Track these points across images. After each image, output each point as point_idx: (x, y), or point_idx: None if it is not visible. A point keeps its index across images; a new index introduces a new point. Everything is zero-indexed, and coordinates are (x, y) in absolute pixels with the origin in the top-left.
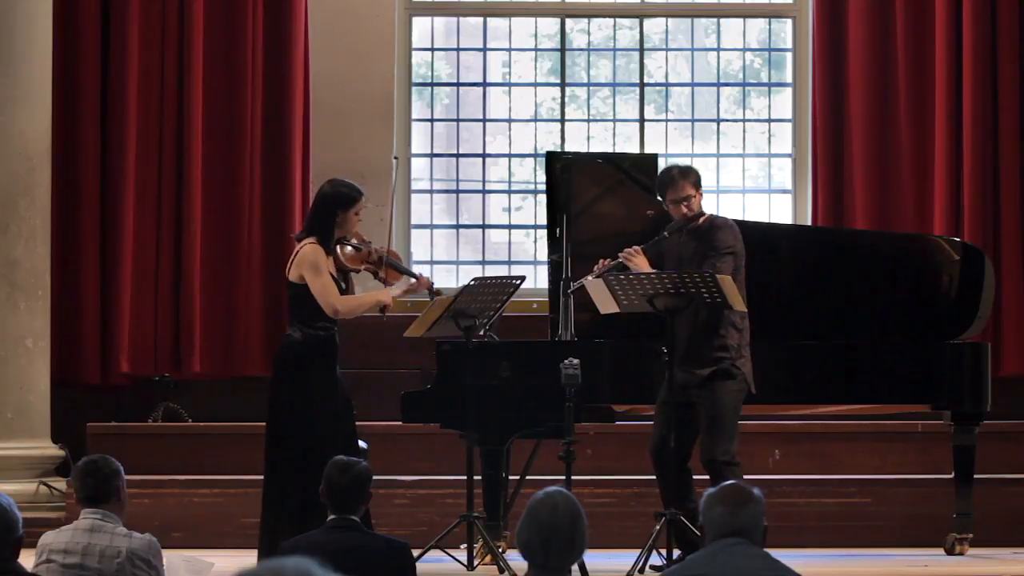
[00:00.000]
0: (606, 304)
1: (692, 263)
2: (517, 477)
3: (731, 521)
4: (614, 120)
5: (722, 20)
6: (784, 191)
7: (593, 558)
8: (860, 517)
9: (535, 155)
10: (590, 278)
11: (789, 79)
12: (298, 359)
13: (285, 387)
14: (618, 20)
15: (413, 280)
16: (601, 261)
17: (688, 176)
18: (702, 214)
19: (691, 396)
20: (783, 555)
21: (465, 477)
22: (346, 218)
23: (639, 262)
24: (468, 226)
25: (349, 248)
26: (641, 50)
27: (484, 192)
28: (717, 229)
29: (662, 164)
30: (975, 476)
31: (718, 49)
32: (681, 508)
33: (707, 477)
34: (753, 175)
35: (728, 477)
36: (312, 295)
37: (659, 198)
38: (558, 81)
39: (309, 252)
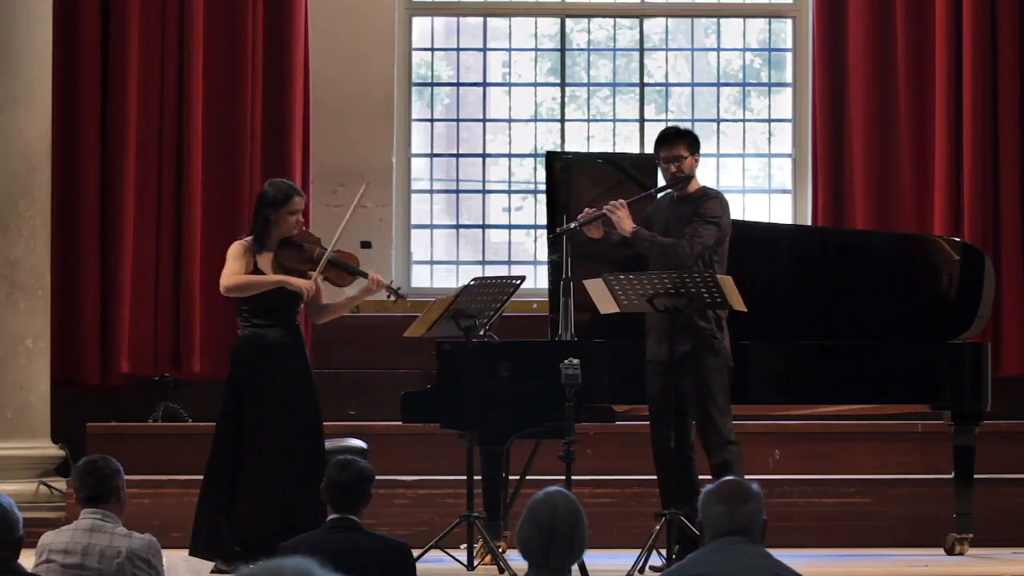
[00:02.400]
0: (606, 304)
1: (680, 228)
2: (517, 477)
3: (730, 519)
4: (614, 120)
5: (722, 20)
6: (784, 191)
7: (593, 558)
8: (860, 517)
9: (535, 155)
10: (573, 225)
11: (789, 79)
12: (232, 354)
13: (225, 382)
14: (618, 20)
15: (365, 280)
16: (586, 210)
17: (683, 137)
18: (691, 177)
19: (671, 376)
20: (783, 555)
21: (465, 477)
22: (279, 218)
23: (622, 214)
24: (468, 226)
25: (290, 248)
26: (641, 50)
27: (484, 192)
28: (708, 199)
29: None
30: (975, 476)
31: (718, 49)
32: (684, 507)
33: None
34: (753, 175)
35: (729, 458)
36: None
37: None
38: (558, 81)
39: (230, 251)
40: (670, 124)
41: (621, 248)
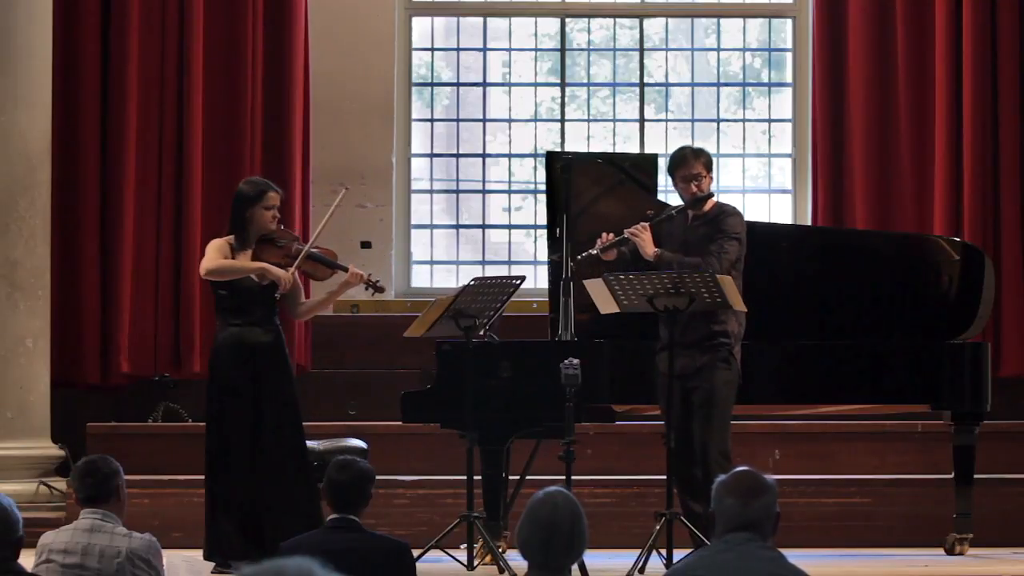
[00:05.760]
0: (606, 304)
1: (700, 247)
2: (517, 477)
3: (741, 512)
4: (614, 120)
5: (722, 20)
6: (784, 191)
7: (593, 558)
8: (860, 517)
9: (535, 155)
10: (595, 251)
11: (789, 79)
12: (211, 356)
13: (207, 384)
14: (618, 20)
15: (344, 273)
16: (604, 235)
17: (700, 156)
18: (711, 195)
19: (686, 384)
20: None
21: (465, 477)
22: (256, 213)
23: (645, 238)
24: (468, 226)
25: (268, 244)
26: (641, 50)
27: (484, 192)
28: (727, 215)
29: (662, 164)
30: (975, 476)
31: (718, 49)
32: (682, 507)
33: None
34: (753, 175)
35: (716, 472)
36: (218, 293)
37: (670, 177)
38: (558, 81)
39: (209, 245)
40: (685, 144)
41: (635, 265)
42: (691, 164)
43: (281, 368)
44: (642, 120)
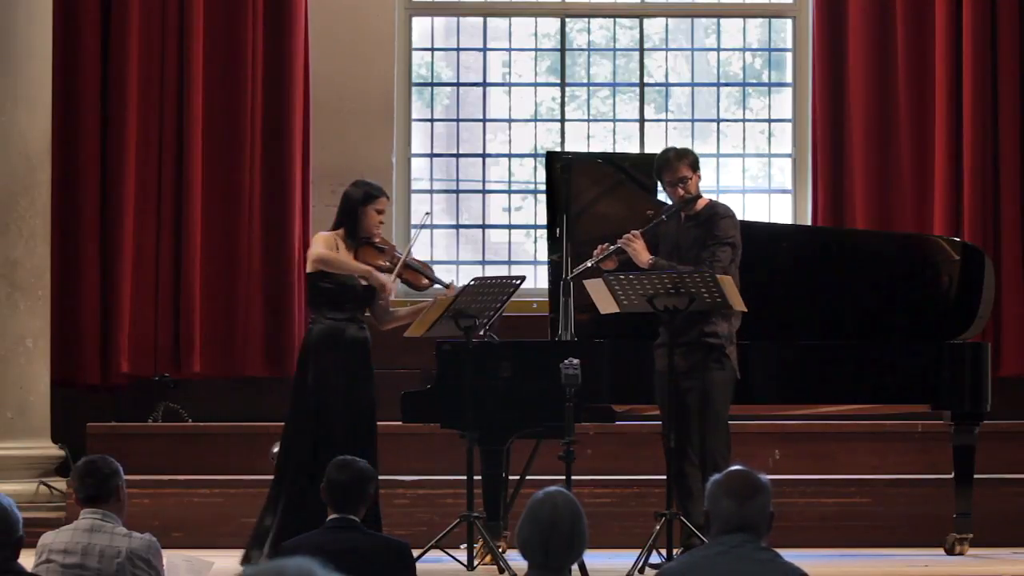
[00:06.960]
0: (606, 304)
1: (692, 250)
2: (517, 477)
3: (737, 513)
4: (614, 120)
5: (722, 20)
6: (784, 191)
7: (593, 558)
8: (860, 517)
9: (535, 155)
10: (589, 263)
11: (789, 79)
12: (305, 349)
13: (296, 374)
14: (618, 20)
15: (443, 288)
16: (600, 247)
17: (684, 158)
18: (699, 196)
19: (681, 384)
20: (783, 555)
21: (465, 477)
22: (366, 213)
23: (637, 246)
24: (468, 226)
25: (371, 248)
26: (641, 50)
27: (484, 192)
28: (720, 218)
29: None
30: (975, 476)
31: (718, 49)
32: (680, 508)
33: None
34: (753, 175)
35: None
36: (320, 286)
37: (656, 181)
38: (558, 81)
39: (316, 236)
40: (668, 146)
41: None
42: (675, 168)
43: (369, 369)
44: (642, 120)
